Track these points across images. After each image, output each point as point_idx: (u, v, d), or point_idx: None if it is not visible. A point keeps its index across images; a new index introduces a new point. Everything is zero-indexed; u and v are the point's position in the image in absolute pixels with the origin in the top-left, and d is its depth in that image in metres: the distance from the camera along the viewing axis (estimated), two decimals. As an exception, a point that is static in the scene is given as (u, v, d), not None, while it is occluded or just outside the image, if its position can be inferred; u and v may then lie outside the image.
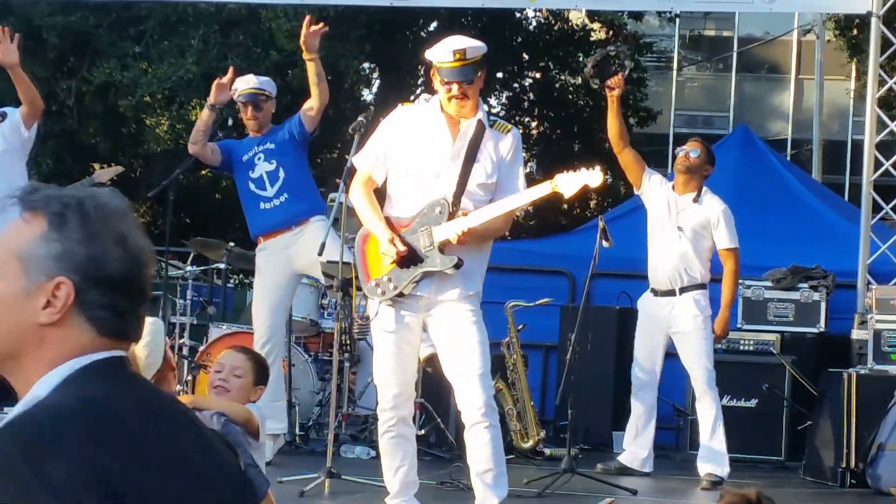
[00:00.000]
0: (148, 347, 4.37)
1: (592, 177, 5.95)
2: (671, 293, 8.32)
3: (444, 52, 6.03)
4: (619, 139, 8.52)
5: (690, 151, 8.42)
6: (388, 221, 6.14)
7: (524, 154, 6.46)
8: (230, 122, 11.51)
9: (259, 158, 8.38)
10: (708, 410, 8.26)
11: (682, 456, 9.35)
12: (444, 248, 6.02)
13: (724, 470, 8.20)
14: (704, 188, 8.46)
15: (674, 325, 8.33)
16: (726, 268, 8.35)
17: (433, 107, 6.16)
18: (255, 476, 4.38)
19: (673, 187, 8.47)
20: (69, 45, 16.05)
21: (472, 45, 6.08)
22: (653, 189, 8.48)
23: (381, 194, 6.34)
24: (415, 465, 6.24)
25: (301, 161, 8.48)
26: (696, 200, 8.37)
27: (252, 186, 8.39)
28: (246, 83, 8.60)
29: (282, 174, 8.31)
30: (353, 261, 6.39)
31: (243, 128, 20.77)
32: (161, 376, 4.42)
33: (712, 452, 8.25)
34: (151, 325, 4.43)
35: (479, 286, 6.18)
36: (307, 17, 8.27)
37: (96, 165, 9.65)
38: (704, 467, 8.26)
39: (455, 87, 6.01)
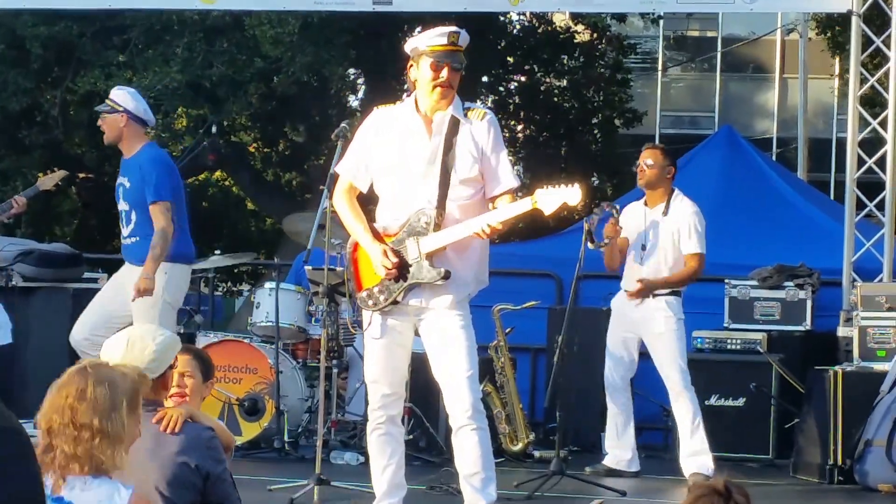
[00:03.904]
0: (156, 354, 4.44)
1: (571, 194, 5.94)
2: (645, 295, 8.34)
3: (437, 36, 6.03)
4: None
5: (644, 163, 8.39)
6: (375, 231, 6.15)
7: (510, 157, 6.47)
8: (214, 128, 11.54)
9: (120, 190, 8.08)
10: (685, 410, 8.27)
11: (671, 456, 9.33)
12: (431, 258, 6.04)
13: (709, 468, 8.22)
14: (675, 193, 8.46)
15: (645, 328, 8.35)
16: (686, 266, 8.35)
17: (408, 106, 6.16)
18: (229, 493, 4.43)
19: (645, 202, 8.49)
20: (53, 55, 16.02)
21: (463, 32, 6.10)
22: (628, 221, 8.48)
23: (365, 198, 6.35)
24: (402, 467, 6.25)
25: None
26: (665, 213, 8.38)
27: (119, 217, 8.13)
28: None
29: (134, 217, 8.00)
30: (344, 268, 6.40)
31: (229, 134, 20.74)
32: (154, 390, 4.45)
33: (695, 452, 8.26)
34: (169, 339, 4.53)
35: (471, 288, 6.18)
36: None
37: (40, 175, 9.52)
38: (689, 467, 8.27)
39: (446, 70, 5.99)
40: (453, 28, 6.09)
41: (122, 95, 8.18)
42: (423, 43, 6.05)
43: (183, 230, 8.14)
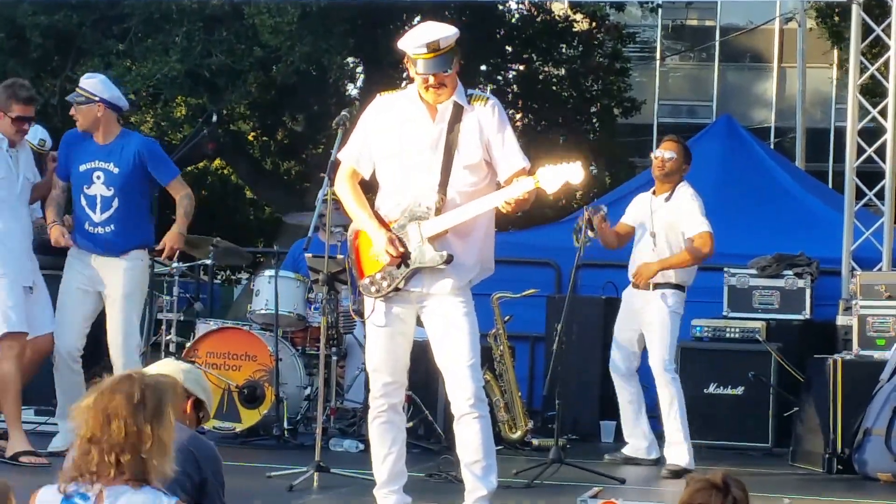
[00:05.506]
0: (190, 369, 4.82)
1: (573, 172, 5.90)
2: (646, 287, 8.35)
3: (417, 45, 5.97)
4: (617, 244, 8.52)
5: (665, 156, 8.38)
6: (379, 217, 6.14)
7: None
8: (214, 117, 11.53)
9: (98, 178, 7.87)
10: (662, 395, 8.26)
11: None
12: (433, 242, 6.03)
13: (684, 459, 8.16)
14: (682, 183, 8.45)
15: (644, 318, 8.36)
16: (692, 245, 8.26)
17: (411, 94, 6.14)
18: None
19: (654, 192, 8.49)
20: (53, 44, 16.00)
21: (445, 34, 6.00)
22: (638, 211, 8.52)
23: (367, 186, 6.35)
24: (403, 455, 6.24)
25: (141, 192, 7.98)
26: (668, 199, 8.37)
27: (83, 202, 7.90)
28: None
29: (115, 204, 7.85)
30: (346, 255, 6.38)
31: (228, 123, 20.63)
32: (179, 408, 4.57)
33: (671, 441, 8.25)
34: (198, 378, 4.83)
35: (474, 273, 6.17)
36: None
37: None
38: (668, 456, 8.28)
39: (432, 78, 5.99)
40: (430, 38, 5.96)
41: (94, 84, 7.97)
42: (409, 49, 6.01)
43: (152, 217, 8.16)
